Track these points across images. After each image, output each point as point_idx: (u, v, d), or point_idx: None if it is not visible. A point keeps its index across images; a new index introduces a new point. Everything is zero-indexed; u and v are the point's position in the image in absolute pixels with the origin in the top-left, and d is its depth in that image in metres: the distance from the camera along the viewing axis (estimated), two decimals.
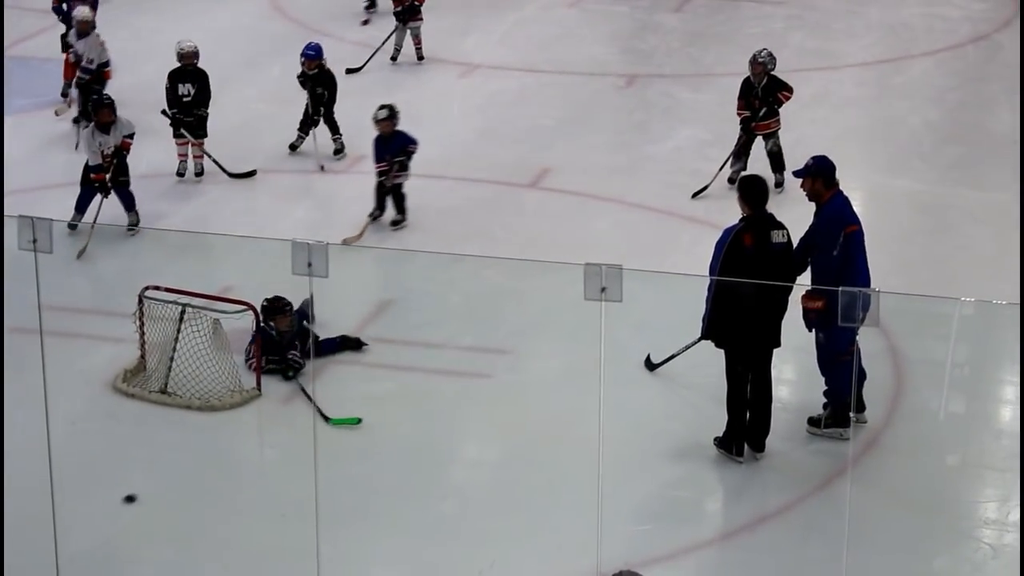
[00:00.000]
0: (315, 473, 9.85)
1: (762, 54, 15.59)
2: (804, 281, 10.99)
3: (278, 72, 20.00)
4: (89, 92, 16.82)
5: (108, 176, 14.61)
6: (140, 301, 11.98)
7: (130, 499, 10.21)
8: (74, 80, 17.33)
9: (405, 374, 12.15)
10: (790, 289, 10.70)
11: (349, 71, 19.35)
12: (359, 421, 11.28)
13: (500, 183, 16.13)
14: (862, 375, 10.98)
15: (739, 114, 15.62)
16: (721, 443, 10.86)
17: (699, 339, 11.10)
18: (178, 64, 16.32)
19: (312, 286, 10.78)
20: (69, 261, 13.79)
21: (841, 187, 10.94)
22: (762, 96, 15.50)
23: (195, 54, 16.33)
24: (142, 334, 12.03)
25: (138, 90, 18.30)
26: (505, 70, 20.10)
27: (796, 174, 11.08)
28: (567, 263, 13.29)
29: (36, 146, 16.97)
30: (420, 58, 20.10)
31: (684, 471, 10.89)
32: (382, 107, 15.14)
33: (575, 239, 14.29)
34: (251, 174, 16.16)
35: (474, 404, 11.85)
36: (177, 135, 16.19)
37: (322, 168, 16.46)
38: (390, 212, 14.90)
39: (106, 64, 17.42)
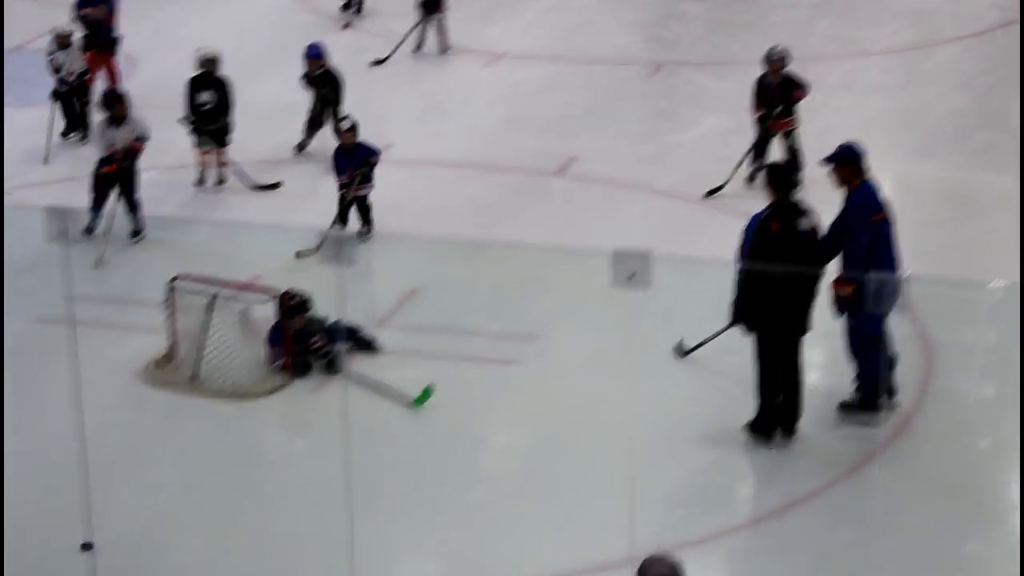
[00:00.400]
0: (347, 460, 9.89)
1: (777, 51, 15.41)
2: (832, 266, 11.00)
3: (303, 63, 20.04)
4: (70, 103, 17.03)
5: (115, 169, 14.45)
6: (169, 290, 12.02)
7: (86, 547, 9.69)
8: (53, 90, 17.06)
9: (434, 362, 12.16)
10: (819, 274, 10.70)
11: (374, 63, 19.36)
12: (430, 390, 11.41)
13: (527, 171, 16.14)
14: (893, 359, 10.97)
15: (755, 112, 15.43)
16: (751, 428, 10.87)
17: (729, 325, 11.10)
18: (198, 71, 16.01)
19: (343, 275, 10.86)
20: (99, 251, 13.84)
21: (869, 174, 10.93)
22: (780, 94, 15.30)
23: (215, 60, 16.01)
24: (172, 323, 12.07)
25: (163, 82, 18.34)
26: (530, 59, 20.09)
27: (825, 161, 11.05)
28: (594, 250, 13.39)
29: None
30: (444, 50, 20.01)
31: (714, 456, 10.89)
32: (343, 118, 14.95)
33: (602, 227, 14.29)
34: (275, 186, 15.74)
35: (503, 391, 11.86)
36: (198, 144, 15.90)
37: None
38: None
39: (85, 73, 17.32)
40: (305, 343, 11.92)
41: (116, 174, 14.49)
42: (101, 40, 17.97)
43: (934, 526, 10.00)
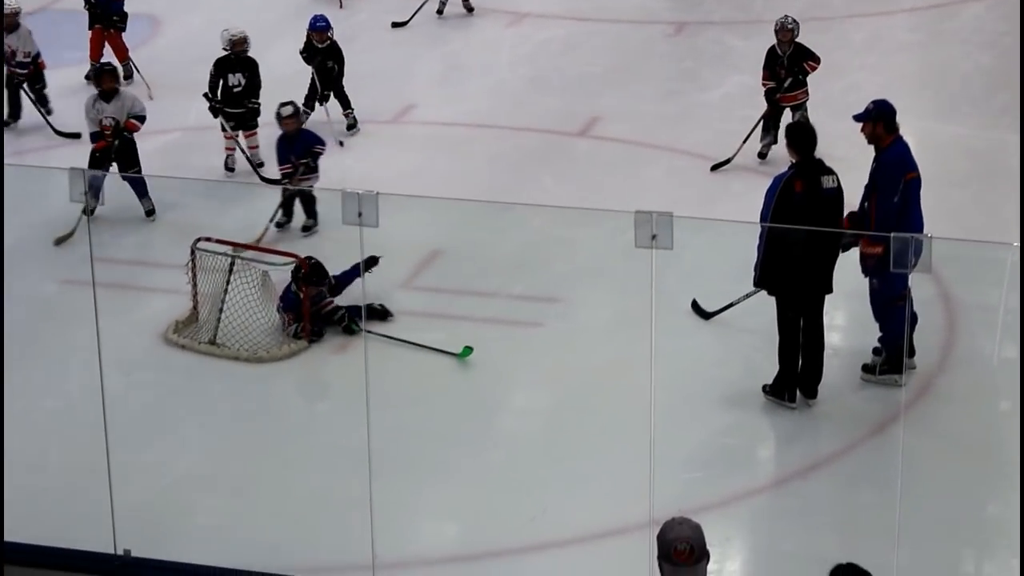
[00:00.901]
0: (368, 422, 9.89)
1: (789, 21, 15.03)
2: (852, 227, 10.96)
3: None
4: (17, 90, 16.37)
5: (108, 145, 13.90)
6: (192, 253, 12.04)
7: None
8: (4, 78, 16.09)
9: (456, 323, 12.15)
10: (841, 235, 10.66)
11: (395, 24, 19.28)
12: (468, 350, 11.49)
13: (549, 132, 16.10)
14: (913, 320, 10.94)
15: (764, 84, 15.18)
16: (772, 390, 10.84)
17: (756, 290, 11.07)
18: (226, 52, 15.31)
19: (363, 236, 10.83)
20: (121, 213, 13.82)
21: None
22: (788, 65, 14.96)
23: (246, 40, 15.36)
24: (194, 285, 12.09)
25: (184, 44, 18.37)
26: (553, 18, 20.03)
27: (857, 118, 10.99)
28: (617, 211, 13.35)
29: (87, 99, 17.03)
30: (470, 10, 19.94)
31: (736, 418, 10.88)
32: (285, 104, 14.09)
33: (625, 187, 14.25)
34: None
35: (525, 353, 11.85)
36: (226, 127, 15.21)
37: (341, 144, 15.86)
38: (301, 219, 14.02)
39: (38, 55, 16.63)
40: (319, 307, 11.92)
41: (108, 150, 13.91)
42: (108, 16, 17.56)
43: (956, 488, 9.97)
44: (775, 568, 9.50)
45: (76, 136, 15.50)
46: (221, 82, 15.21)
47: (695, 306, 12.06)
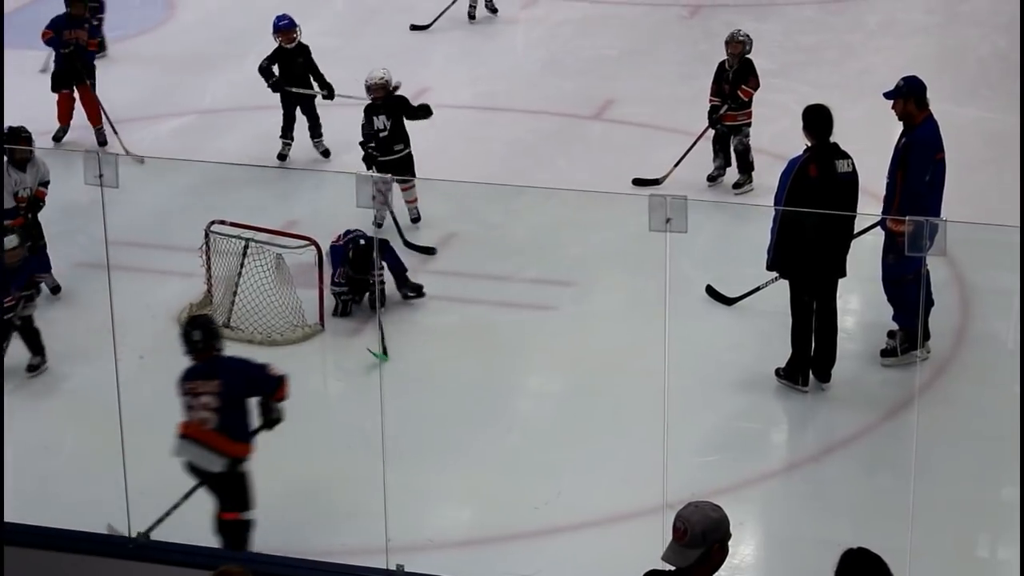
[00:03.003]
0: (381, 405, 9.90)
1: (740, 34, 14.16)
2: (866, 211, 10.94)
3: (341, 5, 20.04)
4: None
5: (23, 222, 12.06)
6: (207, 235, 12.04)
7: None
8: None
9: (470, 307, 12.16)
10: (855, 217, 10.64)
11: (414, 28, 19.06)
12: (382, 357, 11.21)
13: (564, 115, 16.09)
14: (929, 303, 10.92)
15: (710, 101, 14.19)
16: (785, 374, 10.83)
17: (776, 278, 11.05)
18: (370, 98, 13.62)
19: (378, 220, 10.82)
20: (136, 196, 13.84)
21: None
22: (732, 82, 14.05)
23: (387, 85, 13.62)
24: (208, 268, 12.10)
25: (199, 26, 18.37)
26: (568, 1, 20.01)
27: (887, 95, 10.94)
28: (631, 194, 13.35)
29: (102, 82, 17.03)
30: (494, 11, 19.49)
31: (749, 402, 10.87)
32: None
33: (640, 170, 14.22)
34: (430, 251, 13.13)
35: (539, 336, 11.85)
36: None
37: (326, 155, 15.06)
38: None
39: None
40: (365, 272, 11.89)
41: (28, 227, 12.07)
42: (85, 67, 15.54)
43: (970, 472, 9.97)
44: (788, 552, 9.50)
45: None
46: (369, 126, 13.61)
47: (712, 291, 12.04)
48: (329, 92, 14.81)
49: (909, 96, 10.85)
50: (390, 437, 8.76)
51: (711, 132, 14.15)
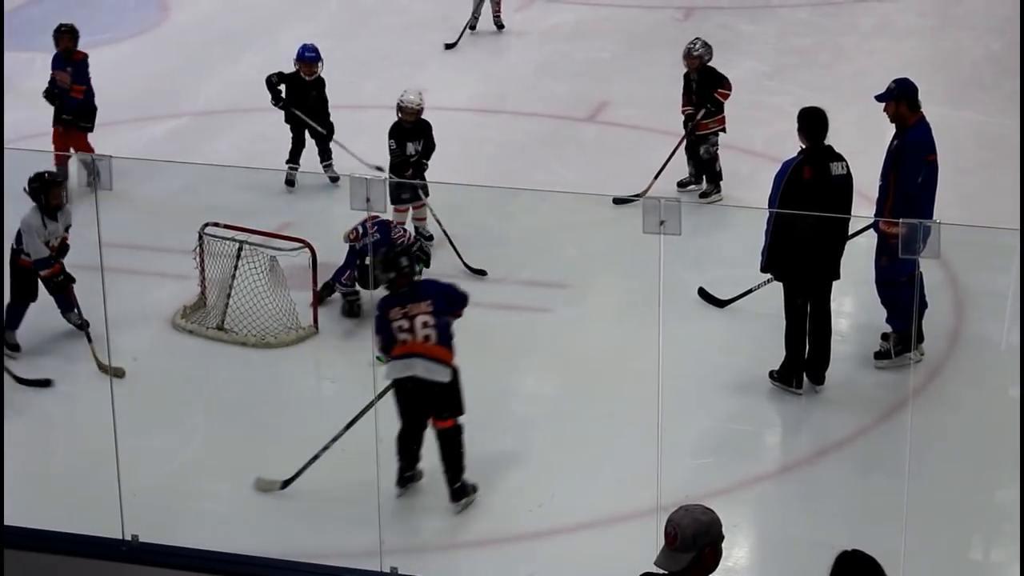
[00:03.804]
0: (374, 408, 9.89)
1: (696, 46, 14.01)
2: (859, 213, 10.95)
3: (335, 7, 20.04)
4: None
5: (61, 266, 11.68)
6: (200, 238, 12.03)
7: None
8: None
9: (465, 308, 12.14)
10: (849, 219, 10.64)
11: (448, 46, 18.59)
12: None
13: (558, 117, 16.09)
14: (923, 305, 10.93)
15: (682, 111, 14.14)
16: (779, 376, 10.84)
17: (769, 280, 11.07)
18: (403, 120, 13.24)
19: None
20: (130, 198, 13.84)
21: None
22: (697, 92, 13.97)
23: (420, 111, 13.25)
24: (202, 271, 12.09)
25: (193, 28, 18.35)
26: (562, 3, 20.04)
27: (879, 98, 10.94)
28: (626, 196, 13.35)
29: (95, 83, 17.01)
30: (500, 27, 19.14)
31: (743, 404, 10.87)
32: None
33: (634, 173, 14.22)
34: (483, 272, 12.75)
35: (533, 338, 11.85)
36: (399, 200, 13.08)
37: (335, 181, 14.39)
38: None
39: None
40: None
41: (63, 271, 11.69)
42: (72, 114, 14.20)
43: (965, 474, 9.96)
44: (782, 554, 9.49)
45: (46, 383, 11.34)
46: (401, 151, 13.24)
47: (704, 294, 12.04)
48: (328, 133, 14.49)
49: (901, 98, 10.85)
50: (383, 439, 8.75)
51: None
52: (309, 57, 14.30)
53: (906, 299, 10.59)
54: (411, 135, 13.16)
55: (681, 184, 14.24)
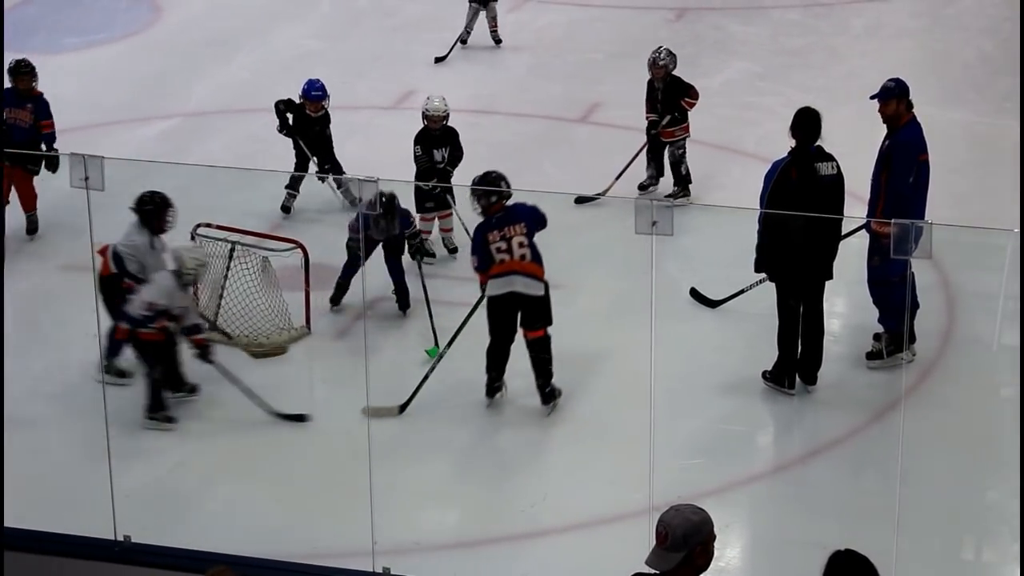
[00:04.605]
0: (367, 408, 9.90)
1: (661, 55, 14.06)
2: (851, 213, 10.95)
3: (327, 8, 20.02)
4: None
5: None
6: (192, 238, 12.02)
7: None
8: None
9: (457, 309, 12.13)
10: (841, 220, 10.65)
11: (438, 60, 18.28)
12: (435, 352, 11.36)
13: (550, 118, 16.09)
14: (914, 306, 10.93)
15: (647, 118, 14.19)
16: (772, 377, 10.84)
17: (760, 280, 11.08)
18: (431, 127, 13.19)
19: (360, 222, 10.85)
20: (122, 199, 13.82)
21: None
22: (663, 100, 14.03)
23: (446, 117, 13.27)
24: None
25: (185, 29, 18.33)
26: (554, 4, 20.02)
27: (881, 96, 10.92)
28: (618, 197, 13.35)
29: (88, 84, 17.05)
30: (498, 42, 18.71)
31: (736, 404, 10.88)
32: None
33: (626, 173, 14.22)
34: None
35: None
36: (423, 208, 13.08)
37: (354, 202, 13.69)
38: None
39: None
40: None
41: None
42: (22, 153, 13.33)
43: (957, 474, 9.98)
44: (774, 554, 9.50)
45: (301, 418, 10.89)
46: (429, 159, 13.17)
47: (696, 294, 12.05)
48: (332, 170, 14.03)
49: (901, 97, 10.88)
50: (375, 439, 8.75)
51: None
52: (315, 96, 13.87)
53: (898, 299, 10.59)
54: (438, 142, 13.10)
55: (642, 187, 14.30)
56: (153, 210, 11.15)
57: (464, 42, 18.46)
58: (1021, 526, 8.44)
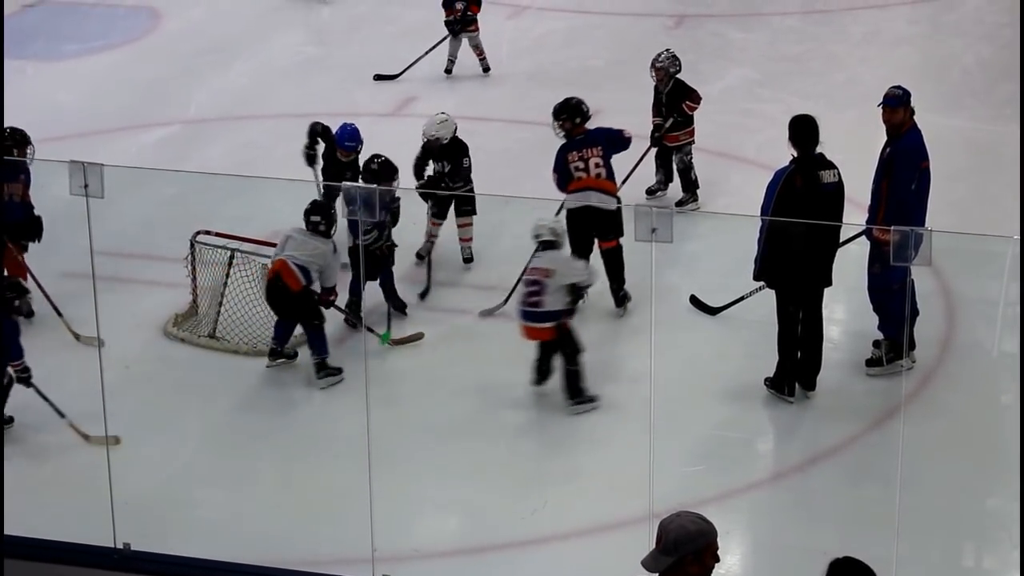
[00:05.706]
0: (367, 415, 9.89)
1: (661, 58, 14.19)
2: (851, 220, 10.96)
3: (327, 15, 20.03)
4: None
5: None
6: (192, 246, 12.03)
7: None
8: None
9: (456, 316, 12.15)
10: (840, 228, 10.65)
11: (378, 77, 17.86)
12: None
13: (550, 125, 16.04)
14: (914, 314, 10.93)
15: (652, 122, 14.28)
16: (772, 383, 10.84)
17: (760, 288, 11.08)
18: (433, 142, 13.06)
19: (360, 228, 10.85)
20: (121, 206, 13.82)
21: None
22: (667, 104, 14.15)
23: (439, 139, 12.99)
24: (194, 279, 12.08)
25: (185, 36, 18.33)
26: (554, 11, 20.03)
27: (889, 103, 10.89)
28: (618, 205, 13.33)
29: (87, 92, 17.05)
30: (486, 70, 18.29)
31: (735, 411, 10.87)
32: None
33: (632, 178, 14.21)
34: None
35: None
36: (436, 213, 13.13)
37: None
38: None
39: None
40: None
41: None
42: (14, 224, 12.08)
43: (957, 481, 9.97)
44: (775, 561, 9.49)
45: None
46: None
47: (696, 301, 12.05)
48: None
49: (908, 104, 10.90)
50: (375, 447, 8.75)
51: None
52: (348, 147, 13.15)
53: (898, 306, 10.59)
54: (437, 156, 13.02)
55: (649, 191, 14.33)
56: (329, 222, 11.57)
57: (449, 72, 18.09)
58: (1021, 533, 8.43)
